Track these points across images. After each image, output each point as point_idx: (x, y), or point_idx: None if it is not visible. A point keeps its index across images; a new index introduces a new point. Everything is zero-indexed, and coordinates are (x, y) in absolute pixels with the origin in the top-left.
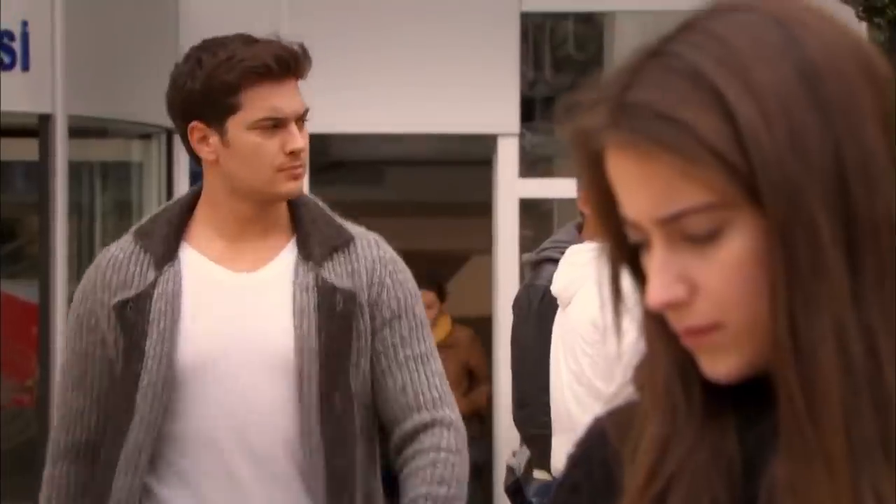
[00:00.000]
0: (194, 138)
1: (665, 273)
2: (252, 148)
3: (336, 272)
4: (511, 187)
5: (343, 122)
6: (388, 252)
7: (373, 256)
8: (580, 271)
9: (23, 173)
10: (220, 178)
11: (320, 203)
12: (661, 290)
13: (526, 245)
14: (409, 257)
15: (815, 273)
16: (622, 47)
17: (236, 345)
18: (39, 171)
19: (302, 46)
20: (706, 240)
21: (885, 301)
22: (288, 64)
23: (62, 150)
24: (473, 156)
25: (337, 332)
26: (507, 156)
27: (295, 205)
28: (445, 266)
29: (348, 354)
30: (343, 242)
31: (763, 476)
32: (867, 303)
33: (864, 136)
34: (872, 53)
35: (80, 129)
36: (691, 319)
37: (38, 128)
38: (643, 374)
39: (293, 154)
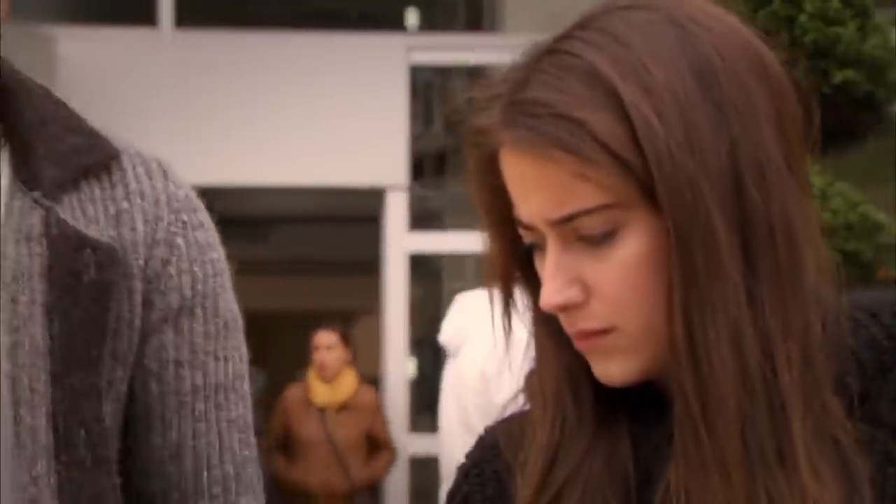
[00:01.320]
0: None
1: (559, 275)
2: None
3: (87, 213)
4: (400, 242)
5: (225, 175)
6: (184, 190)
7: (157, 193)
8: (468, 318)
9: None
10: None
11: (54, 94)
12: (555, 292)
13: (416, 304)
14: (296, 317)
15: (710, 274)
16: None
17: None
18: None
19: None
20: (601, 241)
21: (781, 305)
22: None
23: None
24: (361, 212)
25: (83, 320)
26: (396, 210)
27: (3, 89)
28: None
29: (100, 361)
30: (100, 161)
31: (658, 484)
32: (763, 306)
33: (760, 136)
34: (766, 53)
35: None
36: (586, 322)
37: None
38: (533, 381)
39: None
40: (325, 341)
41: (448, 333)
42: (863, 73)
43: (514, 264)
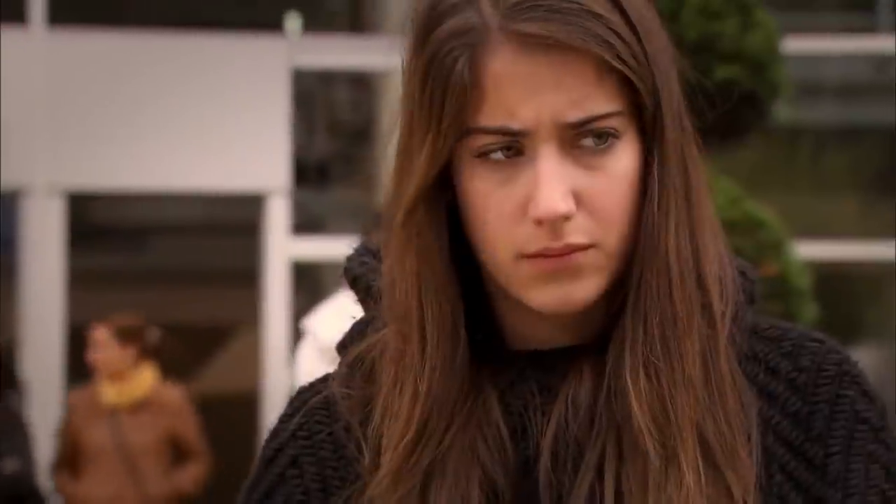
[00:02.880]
0: None
1: (560, 184)
2: None
3: None
4: (281, 248)
5: (100, 180)
6: None
7: None
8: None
9: None
10: None
11: None
12: (559, 199)
13: (301, 314)
14: (174, 330)
15: (688, 192)
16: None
17: None
18: None
19: None
20: (596, 152)
21: (703, 236)
22: None
23: None
24: (244, 219)
25: None
26: (278, 215)
27: None
28: (211, 338)
29: None
30: None
31: (536, 436)
32: (698, 233)
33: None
34: None
35: None
36: (573, 236)
37: None
38: (399, 331)
39: None
40: (97, 339)
41: (333, 336)
42: (745, 69)
43: (437, 183)
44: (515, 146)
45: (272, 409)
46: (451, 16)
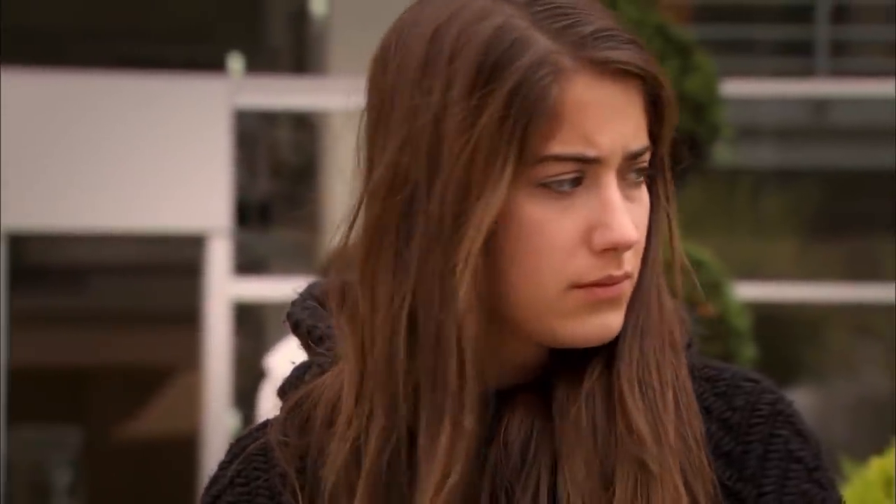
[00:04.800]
0: None
1: (627, 211)
2: None
3: None
4: (223, 289)
5: (40, 220)
6: None
7: None
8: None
9: None
10: None
11: None
12: (632, 227)
13: (246, 356)
14: (114, 372)
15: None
16: (341, 150)
17: None
18: None
19: None
20: (636, 185)
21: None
22: None
23: None
24: (185, 260)
25: None
26: (219, 255)
27: None
28: (151, 380)
29: None
30: None
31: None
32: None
33: None
34: None
35: None
36: (628, 265)
37: None
38: (359, 368)
39: None
40: None
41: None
42: (684, 111)
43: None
44: (580, 175)
45: (212, 451)
46: (523, 48)
